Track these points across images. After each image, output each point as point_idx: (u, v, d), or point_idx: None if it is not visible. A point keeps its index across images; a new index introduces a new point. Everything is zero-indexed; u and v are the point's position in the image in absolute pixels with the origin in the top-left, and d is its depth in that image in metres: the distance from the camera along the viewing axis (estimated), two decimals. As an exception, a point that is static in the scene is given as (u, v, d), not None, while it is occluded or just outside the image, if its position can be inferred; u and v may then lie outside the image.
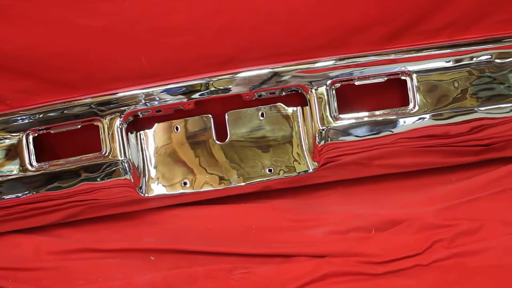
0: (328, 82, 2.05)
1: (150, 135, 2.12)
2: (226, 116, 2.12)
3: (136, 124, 2.12)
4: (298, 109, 2.13)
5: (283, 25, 2.06)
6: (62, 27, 2.01)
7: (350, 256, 1.92)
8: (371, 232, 2.00)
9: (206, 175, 2.12)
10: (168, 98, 2.05)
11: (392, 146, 2.10)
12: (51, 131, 2.06)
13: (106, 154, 2.05)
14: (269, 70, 2.05)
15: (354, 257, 1.92)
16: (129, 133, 2.09)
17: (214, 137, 2.12)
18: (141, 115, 2.09)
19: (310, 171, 2.12)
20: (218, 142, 2.13)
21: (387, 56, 2.06)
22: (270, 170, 2.13)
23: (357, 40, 2.08)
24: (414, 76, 2.06)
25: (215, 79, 2.05)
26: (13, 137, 2.06)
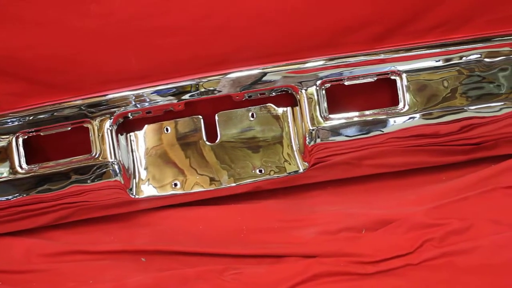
0: (318, 83, 2.05)
1: (140, 137, 2.12)
2: (216, 117, 2.12)
3: (126, 126, 2.12)
4: (288, 110, 2.13)
5: (275, 26, 2.05)
6: (53, 29, 2.00)
7: (341, 256, 1.92)
8: (362, 232, 2.01)
9: (197, 176, 2.12)
10: (158, 100, 2.05)
11: (382, 146, 2.10)
12: (41, 133, 2.05)
13: (96, 156, 2.05)
14: (259, 71, 2.05)
15: (345, 257, 1.92)
16: (119, 135, 2.09)
17: (204, 138, 2.12)
18: (131, 117, 2.08)
19: (301, 171, 2.12)
20: (209, 143, 2.13)
21: (377, 56, 2.06)
22: (261, 171, 2.13)
23: (348, 41, 2.08)
24: (404, 76, 2.07)
25: (205, 80, 2.05)
26: (3, 140, 2.05)
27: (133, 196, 2.10)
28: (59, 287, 1.96)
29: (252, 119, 2.13)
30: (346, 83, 2.07)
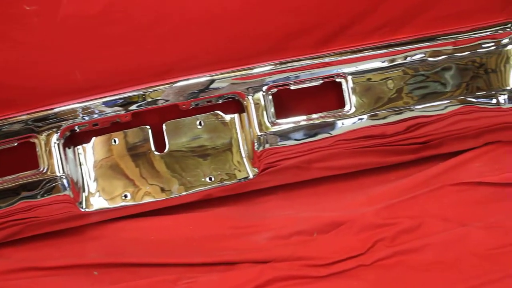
0: (264, 88, 2.05)
1: (88, 149, 2.10)
2: (164, 127, 2.10)
3: (74, 139, 2.09)
4: (236, 116, 2.13)
5: (221, 33, 2.05)
6: (-4, 43, 1.97)
7: (294, 260, 1.93)
8: (314, 235, 2.02)
9: (147, 187, 2.11)
10: (105, 111, 2.03)
11: (331, 148, 2.11)
12: (-14, 150, 2.02)
13: (44, 171, 2.02)
14: (206, 79, 2.05)
15: (298, 261, 1.93)
16: (67, 148, 2.06)
17: (153, 148, 2.11)
18: (78, 130, 2.06)
19: (251, 178, 2.12)
20: (157, 153, 2.11)
21: (322, 59, 2.07)
22: (211, 178, 2.12)
23: (293, 45, 2.08)
24: (349, 78, 2.08)
25: (152, 90, 2.04)
26: None
27: (83, 210, 2.07)
28: (12, 305, 1.93)
29: (200, 127, 2.12)
30: (293, 88, 2.08)
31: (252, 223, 2.09)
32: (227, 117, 2.13)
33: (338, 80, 2.09)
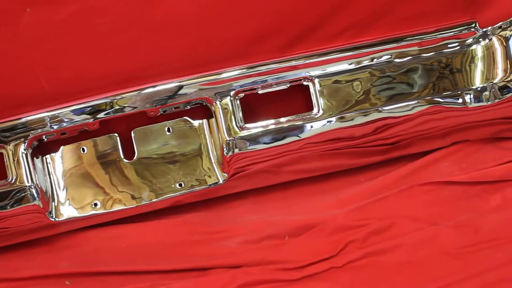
0: (232, 93, 2.06)
1: (57, 158, 2.09)
2: (133, 134, 2.10)
3: (42, 148, 2.08)
4: (204, 122, 2.13)
5: (185, 40, 2.05)
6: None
7: (266, 264, 1.93)
8: (285, 239, 2.02)
9: (117, 194, 2.10)
10: (72, 120, 2.02)
11: (300, 152, 2.11)
12: (-46, 163, 2.01)
13: (13, 181, 2.01)
14: (173, 85, 2.04)
15: (270, 265, 1.92)
16: (35, 158, 2.05)
17: (122, 156, 2.10)
18: (46, 139, 2.05)
19: (220, 183, 2.12)
20: (126, 161, 2.11)
21: (288, 63, 2.07)
22: (181, 185, 2.12)
23: (259, 49, 2.08)
24: (317, 81, 2.09)
25: (119, 97, 2.03)
26: None
27: (53, 219, 2.06)
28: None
29: (169, 134, 2.12)
30: (260, 92, 2.08)
31: (223, 228, 2.09)
32: (196, 123, 2.13)
33: (306, 83, 2.10)
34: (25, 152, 2.01)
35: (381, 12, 2.11)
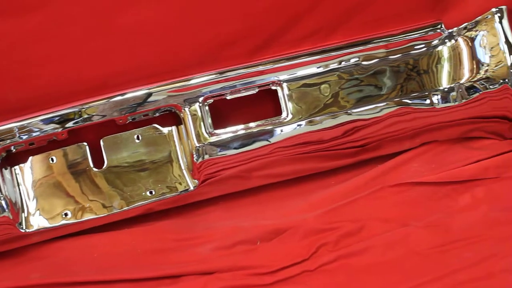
0: (201, 99, 2.05)
1: (26, 169, 2.08)
2: (102, 142, 2.09)
3: (11, 159, 2.07)
4: (173, 129, 2.12)
5: (152, 47, 2.05)
6: None
7: (238, 270, 1.93)
8: (257, 244, 2.02)
9: (88, 204, 2.09)
10: (41, 129, 2.01)
11: (270, 156, 2.12)
12: None
13: (-19, 193, 2.00)
14: (141, 92, 2.04)
15: (242, 270, 1.93)
16: (4, 169, 2.04)
17: (92, 165, 2.09)
18: (14, 150, 2.03)
19: (191, 189, 2.11)
20: (96, 169, 2.10)
21: (256, 68, 2.08)
22: (152, 192, 2.11)
23: (226, 55, 2.09)
24: (285, 85, 2.09)
25: (87, 106, 2.02)
26: None
27: (23, 231, 2.05)
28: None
29: (138, 141, 2.11)
30: (229, 97, 2.08)
31: (195, 235, 2.08)
32: (165, 130, 2.12)
33: (274, 88, 2.10)
34: (-6, 164, 1.99)
35: (348, 15, 2.12)
